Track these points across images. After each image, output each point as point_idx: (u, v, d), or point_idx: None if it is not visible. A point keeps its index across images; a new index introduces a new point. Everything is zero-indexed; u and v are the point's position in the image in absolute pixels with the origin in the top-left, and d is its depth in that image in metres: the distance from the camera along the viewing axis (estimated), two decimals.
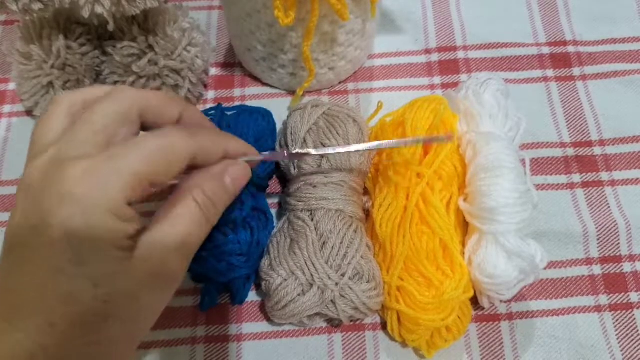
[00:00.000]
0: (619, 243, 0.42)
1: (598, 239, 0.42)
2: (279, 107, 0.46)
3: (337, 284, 0.36)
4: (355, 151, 0.40)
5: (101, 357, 0.25)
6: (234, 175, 0.30)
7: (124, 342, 0.26)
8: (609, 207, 0.43)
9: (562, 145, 0.46)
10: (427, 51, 0.50)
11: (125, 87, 0.30)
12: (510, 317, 0.40)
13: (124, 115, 0.27)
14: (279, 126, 0.44)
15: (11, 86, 0.48)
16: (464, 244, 0.39)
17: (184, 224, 0.27)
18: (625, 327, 0.39)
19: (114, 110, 0.27)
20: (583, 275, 0.41)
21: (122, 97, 0.27)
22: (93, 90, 0.29)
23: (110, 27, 0.40)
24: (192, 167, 0.28)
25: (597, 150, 0.46)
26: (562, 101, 0.48)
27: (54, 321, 0.24)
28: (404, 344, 0.38)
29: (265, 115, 0.43)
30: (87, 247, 0.23)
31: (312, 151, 0.36)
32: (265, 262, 0.38)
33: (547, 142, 0.46)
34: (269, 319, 0.39)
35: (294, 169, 0.40)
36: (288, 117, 0.43)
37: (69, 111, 0.27)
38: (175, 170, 0.26)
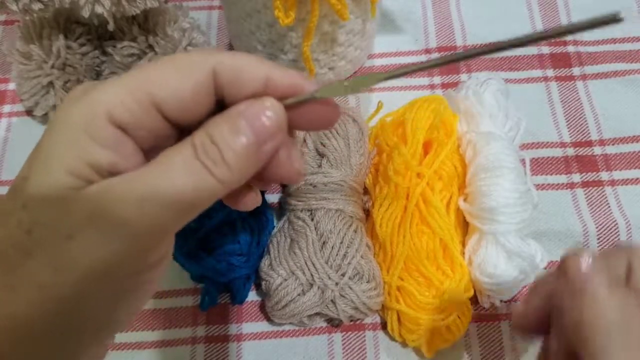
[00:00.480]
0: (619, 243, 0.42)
1: (598, 239, 0.42)
2: None
3: (337, 284, 0.36)
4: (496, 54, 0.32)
5: (16, 308, 0.20)
6: (254, 118, 0.21)
7: (44, 297, 0.20)
8: (609, 206, 0.43)
9: (562, 145, 0.46)
10: (427, 51, 0.50)
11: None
12: (510, 317, 0.39)
13: None
14: None
15: (11, 86, 0.48)
16: (464, 244, 0.39)
17: (162, 169, 0.21)
18: None
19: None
20: None
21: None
22: None
23: (110, 27, 0.40)
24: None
25: (597, 150, 0.46)
26: (562, 101, 0.48)
27: None
28: (404, 344, 0.38)
29: None
30: (40, 161, 0.20)
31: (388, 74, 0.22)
32: (265, 262, 0.38)
33: (547, 142, 0.46)
34: (269, 319, 0.39)
35: None
36: None
37: None
38: (187, 87, 0.21)
